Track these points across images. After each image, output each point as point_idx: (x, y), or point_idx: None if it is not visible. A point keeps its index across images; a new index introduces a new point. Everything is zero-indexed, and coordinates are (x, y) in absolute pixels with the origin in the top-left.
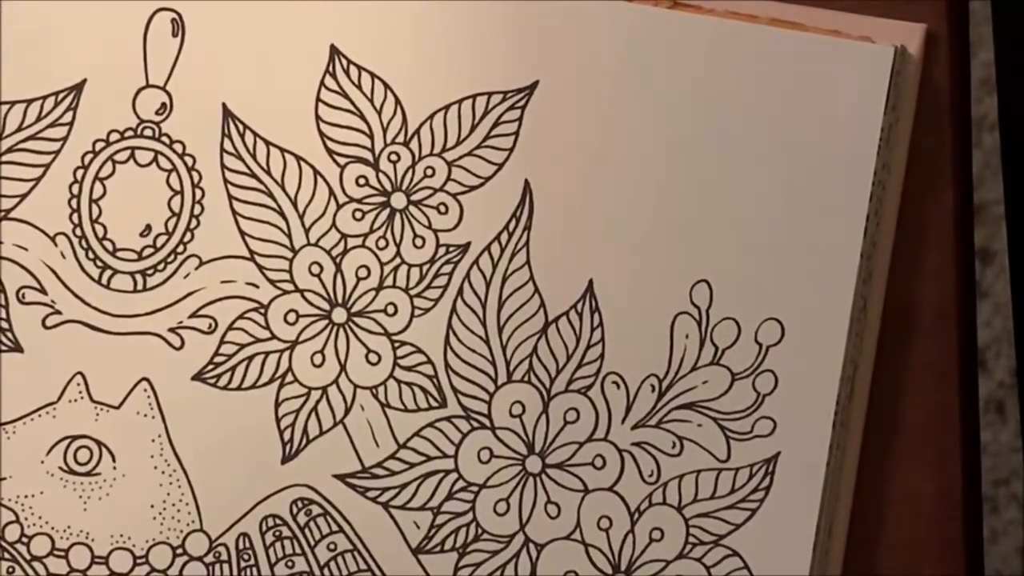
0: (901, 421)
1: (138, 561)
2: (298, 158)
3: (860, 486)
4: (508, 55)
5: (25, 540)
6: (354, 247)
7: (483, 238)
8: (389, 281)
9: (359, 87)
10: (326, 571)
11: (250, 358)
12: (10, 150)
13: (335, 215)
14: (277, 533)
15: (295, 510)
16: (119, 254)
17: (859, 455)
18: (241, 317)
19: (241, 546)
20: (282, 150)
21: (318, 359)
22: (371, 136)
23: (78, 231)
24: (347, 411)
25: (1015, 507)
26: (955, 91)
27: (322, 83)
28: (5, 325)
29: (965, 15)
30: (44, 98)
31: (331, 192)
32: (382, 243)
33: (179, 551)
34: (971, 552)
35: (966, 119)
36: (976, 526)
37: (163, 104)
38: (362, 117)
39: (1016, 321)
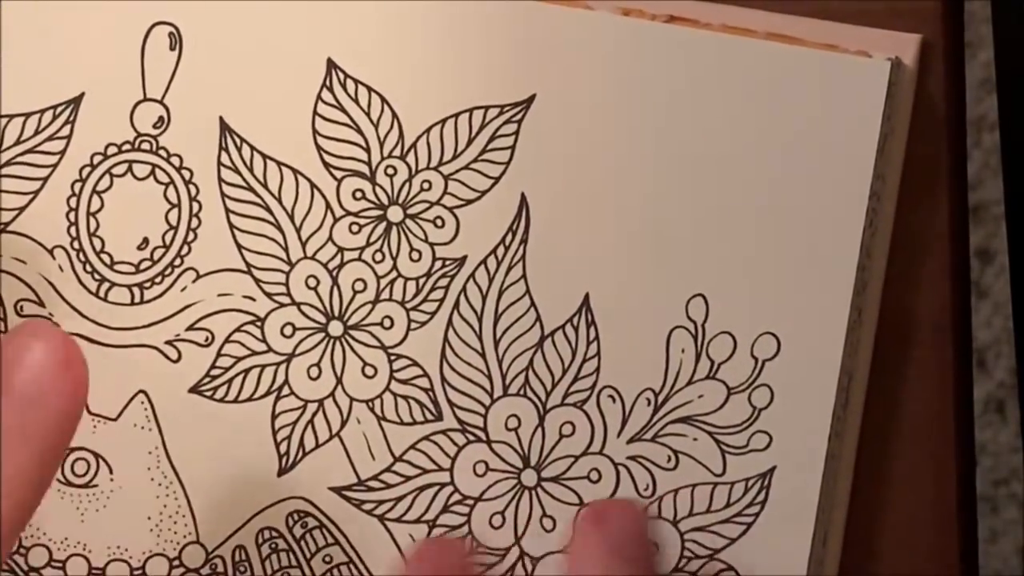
0: (896, 429)
1: (135, 573)
2: (295, 171)
3: (855, 496)
4: (505, 69)
5: (23, 552)
6: (350, 260)
7: (479, 252)
8: (385, 294)
9: (356, 101)
10: None
11: (247, 371)
12: (8, 163)
13: (332, 228)
14: (273, 545)
15: (291, 522)
16: (117, 267)
17: (854, 464)
18: (238, 330)
19: (237, 558)
20: (279, 163)
21: (314, 372)
22: (368, 150)
23: (76, 244)
24: (343, 424)
25: (1015, 507)
26: (950, 99)
27: (319, 97)
28: None
29: (960, 24)
30: (42, 112)
31: (328, 205)
32: (378, 256)
33: (175, 563)
34: (967, 559)
35: (961, 127)
36: (972, 534)
37: (160, 118)
38: (359, 131)
39: (1016, 321)
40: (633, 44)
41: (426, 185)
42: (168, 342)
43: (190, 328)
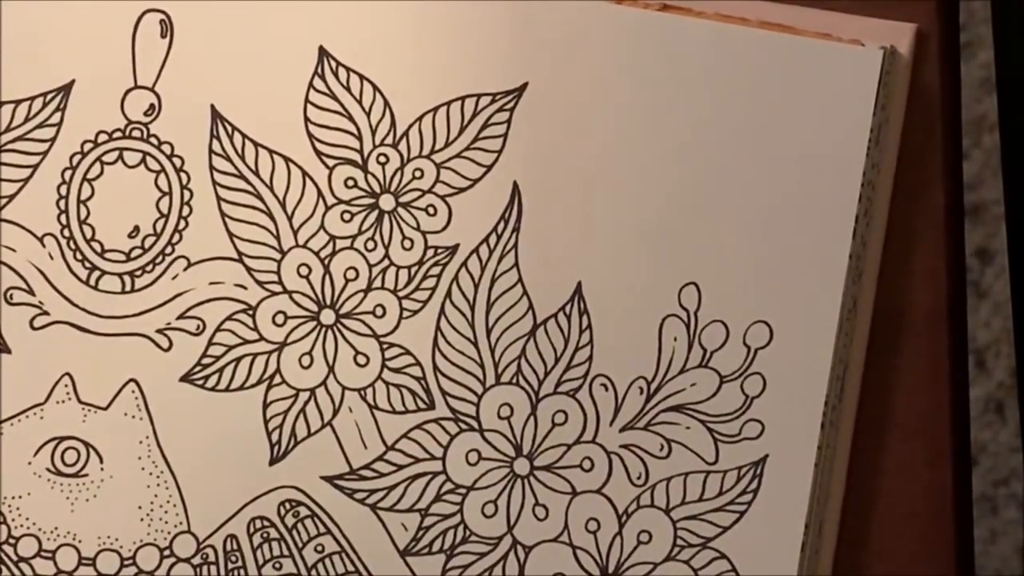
0: (891, 421)
1: (125, 563)
2: (286, 159)
3: (850, 486)
4: (497, 57)
5: (12, 541)
6: (342, 249)
7: (472, 240)
8: (377, 283)
9: (348, 89)
10: (314, 573)
11: (238, 359)
12: None
13: (323, 217)
14: (265, 535)
15: (283, 512)
16: (107, 255)
17: (849, 455)
18: (229, 318)
19: (229, 548)
20: (271, 151)
21: (306, 361)
22: (360, 138)
23: (66, 232)
24: (335, 413)
25: (1015, 507)
26: (945, 90)
27: (311, 85)
28: None
29: (955, 14)
30: (32, 99)
31: (319, 194)
32: (370, 245)
33: (167, 553)
34: (962, 552)
35: (956, 118)
36: (967, 526)
37: (151, 105)
38: (351, 119)
39: (1016, 321)
40: (626, 33)
41: (418, 173)
42: (159, 331)
43: (181, 316)
